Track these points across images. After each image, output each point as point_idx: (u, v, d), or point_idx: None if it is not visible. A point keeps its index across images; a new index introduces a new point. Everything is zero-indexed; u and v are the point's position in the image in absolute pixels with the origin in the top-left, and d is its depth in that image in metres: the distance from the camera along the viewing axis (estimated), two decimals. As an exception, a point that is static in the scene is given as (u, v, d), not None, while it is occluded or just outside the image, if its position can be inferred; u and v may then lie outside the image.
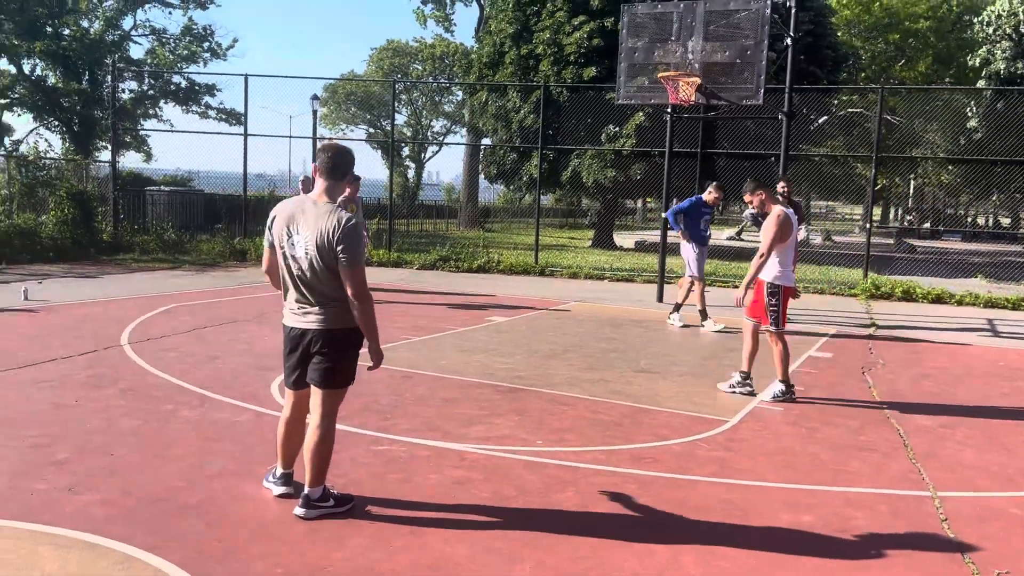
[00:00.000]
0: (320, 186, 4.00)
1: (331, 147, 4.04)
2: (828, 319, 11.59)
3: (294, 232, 3.91)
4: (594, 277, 16.33)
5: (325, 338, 3.95)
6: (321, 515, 4.00)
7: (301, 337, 4.00)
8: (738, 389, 6.90)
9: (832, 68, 23.66)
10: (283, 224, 3.96)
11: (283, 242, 3.96)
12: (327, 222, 3.83)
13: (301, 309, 3.99)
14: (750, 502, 4.46)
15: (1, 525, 3.73)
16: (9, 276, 13.15)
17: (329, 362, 3.97)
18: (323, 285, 3.91)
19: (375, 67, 50.29)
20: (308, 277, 3.91)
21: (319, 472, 4.02)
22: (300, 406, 4.16)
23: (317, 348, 3.96)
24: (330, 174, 3.99)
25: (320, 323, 3.95)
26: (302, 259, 3.90)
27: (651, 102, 12.79)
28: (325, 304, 3.94)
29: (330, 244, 3.82)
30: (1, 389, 6.14)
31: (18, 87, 26.69)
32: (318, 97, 28.60)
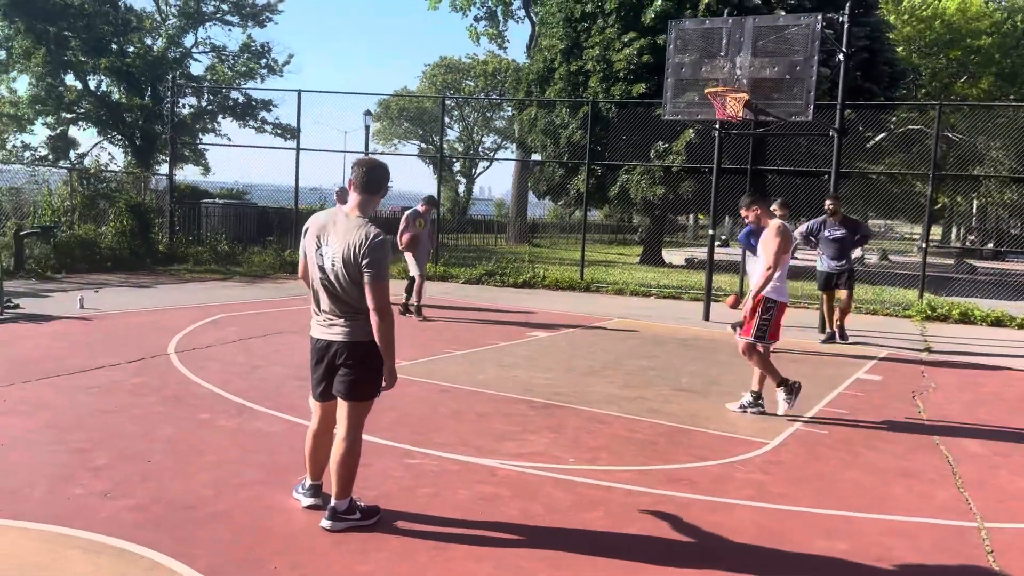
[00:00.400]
0: (354, 200, 4.03)
1: (366, 162, 4.08)
2: (880, 341, 11.28)
3: (323, 243, 3.95)
4: (640, 294, 16.19)
5: (350, 351, 3.97)
6: (348, 527, 4.01)
7: (327, 349, 4.02)
8: (785, 404, 6.76)
9: (889, 85, 23.17)
10: (314, 235, 4.01)
11: (313, 253, 3.99)
12: (356, 236, 3.86)
13: (327, 321, 4.02)
14: (786, 527, 4.34)
15: (36, 528, 3.82)
16: (67, 285, 13.56)
17: (354, 374, 3.98)
18: (348, 297, 3.93)
19: (428, 83, 50.88)
20: (334, 289, 3.94)
21: (345, 484, 4.03)
22: (327, 417, 4.18)
23: (342, 360, 3.98)
24: (364, 188, 4.02)
25: (345, 335, 3.97)
26: (329, 271, 3.93)
27: (698, 118, 12.69)
28: (350, 316, 3.96)
29: (356, 258, 3.84)
30: (51, 394, 6.31)
31: (84, 102, 27.62)
32: (371, 113, 29.05)
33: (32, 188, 18.14)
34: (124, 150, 28.81)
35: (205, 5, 30.03)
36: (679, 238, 50.46)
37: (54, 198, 17.29)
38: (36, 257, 15.03)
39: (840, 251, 10.71)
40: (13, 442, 5.08)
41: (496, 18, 42.67)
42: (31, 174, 19.06)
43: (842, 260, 10.71)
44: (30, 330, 9.15)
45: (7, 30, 25.66)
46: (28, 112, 27.02)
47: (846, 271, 10.74)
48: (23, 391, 6.37)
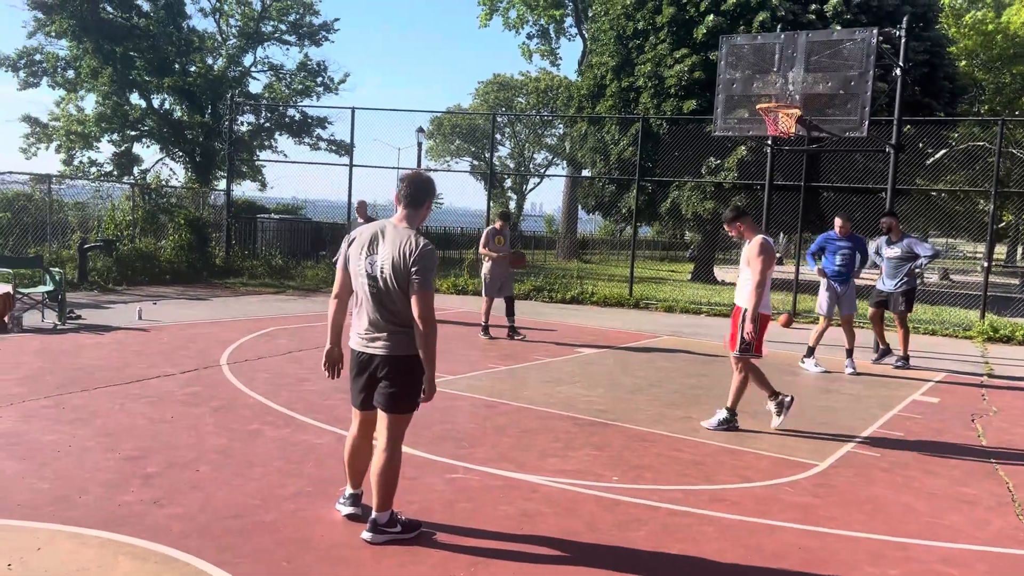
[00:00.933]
0: (400, 213, 4.10)
1: (410, 177, 4.16)
2: (938, 362, 10.96)
3: (373, 252, 4.02)
4: (690, 311, 16.01)
5: (391, 364, 4.01)
6: (388, 540, 4.03)
7: (368, 362, 4.07)
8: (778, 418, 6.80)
9: (950, 100, 22.64)
10: (362, 244, 4.07)
11: (360, 261, 4.05)
12: (406, 244, 3.94)
13: (369, 334, 4.06)
14: (831, 552, 4.23)
15: (89, 534, 3.92)
16: (128, 297, 13.96)
17: (395, 387, 4.02)
18: (394, 307, 3.98)
19: (480, 100, 51.30)
20: (382, 297, 3.99)
21: (386, 496, 4.05)
22: (366, 426, 4.23)
23: (383, 374, 4.02)
24: (409, 202, 4.09)
25: (387, 349, 4.01)
26: (378, 278, 3.99)
27: (749, 134, 12.56)
28: (394, 330, 4.00)
29: (406, 264, 3.90)
30: (107, 402, 6.49)
31: (147, 120, 28.49)
32: (424, 129, 29.38)
33: (97, 203, 18.77)
34: (184, 166, 29.60)
35: (264, 25, 30.78)
36: (731, 255, 49.86)
37: (117, 213, 17.85)
38: (99, 269, 15.51)
39: (893, 271, 10.26)
40: (68, 449, 5.23)
41: (548, 36, 42.92)
42: (96, 189, 19.71)
43: (894, 280, 10.24)
44: (90, 340, 9.43)
45: (76, 50, 26.65)
46: (95, 129, 27.96)
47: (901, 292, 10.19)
48: (81, 399, 6.57)
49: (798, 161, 18.06)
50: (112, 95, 27.32)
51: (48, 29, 25.99)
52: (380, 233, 4.04)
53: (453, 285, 17.77)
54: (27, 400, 6.43)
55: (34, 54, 27.21)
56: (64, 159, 28.45)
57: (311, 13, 31.13)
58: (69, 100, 28.53)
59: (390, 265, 3.94)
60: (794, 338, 12.64)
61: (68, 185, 20.38)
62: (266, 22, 30.79)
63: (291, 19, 30.93)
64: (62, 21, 25.31)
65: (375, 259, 4.00)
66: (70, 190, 20.09)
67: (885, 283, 10.36)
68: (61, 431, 5.62)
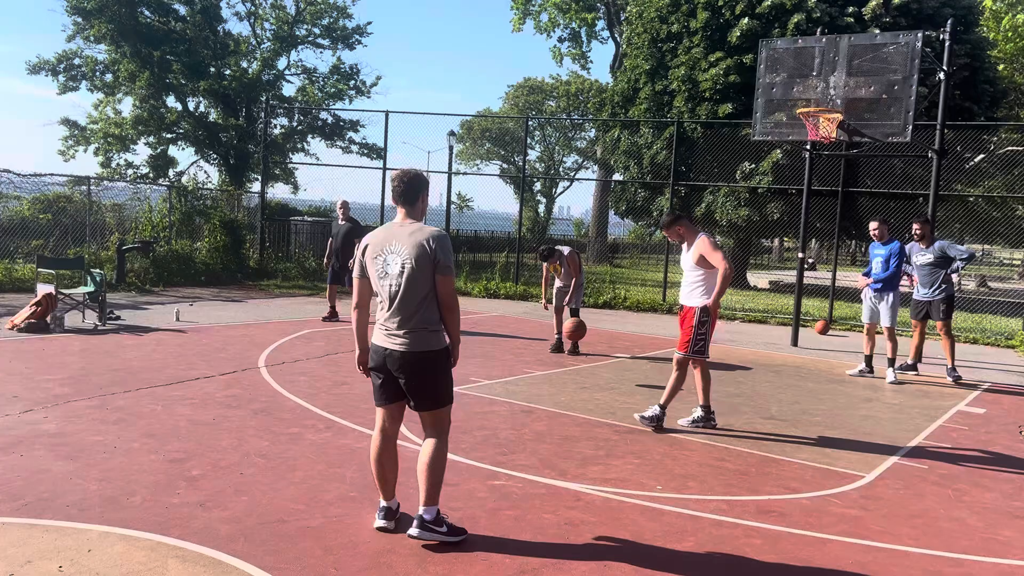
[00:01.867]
0: (401, 212, 4.18)
1: (400, 175, 4.18)
2: (982, 372, 10.75)
3: (388, 252, 4.07)
4: (724, 317, 15.85)
5: (417, 360, 4.05)
6: (434, 540, 4.03)
7: (392, 358, 4.08)
8: (687, 420, 6.85)
9: (991, 104, 22.23)
10: (377, 248, 4.12)
11: (377, 264, 4.10)
12: (422, 235, 4.04)
13: (392, 332, 4.09)
14: (885, 567, 4.14)
15: (138, 536, 3.94)
16: (165, 298, 14.11)
17: (427, 384, 4.09)
18: (416, 304, 4.03)
19: (511, 104, 51.33)
20: (404, 296, 4.03)
21: (432, 489, 4.07)
22: (390, 423, 4.24)
23: (410, 372, 4.06)
24: (406, 200, 4.16)
25: (411, 346, 4.05)
26: (398, 276, 4.03)
27: (788, 139, 12.41)
28: (416, 327, 4.05)
29: (430, 252, 3.99)
30: (149, 404, 6.55)
31: (183, 123, 28.86)
32: (455, 133, 29.44)
33: (134, 205, 19.02)
34: (219, 169, 29.96)
35: (298, 29, 31.06)
36: (764, 260, 49.41)
37: (154, 214, 18.09)
38: (136, 271, 15.71)
39: (927, 278, 9.88)
40: (114, 450, 5.28)
41: (579, 39, 42.81)
42: (133, 191, 19.98)
43: (931, 287, 9.86)
44: (131, 340, 9.54)
45: (114, 54, 27.07)
46: (132, 132, 28.38)
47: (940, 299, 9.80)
48: (124, 400, 6.63)
49: (835, 166, 17.85)
50: (149, 98, 27.72)
51: (87, 33, 26.45)
52: (391, 235, 4.10)
53: (484, 288, 17.76)
54: (72, 400, 6.51)
55: (73, 58, 27.69)
56: (102, 161, 28.91)
57: (344, 16, 31.36)
58: (107, 103, 28.99)
59: (412, 258, 4.00)
60: (835, 346, 12.47)
61: (106, 187, 20.67)
62: (300, 26, 31.06)
63: (324, 23, 31.17)
64: (101, 26, 25.73)
65: (394, 259, 4.06)
66: (108, 192, 20.39)
67: (921, 292, 10.00)
68: (106, 432, 5.68)
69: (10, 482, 4.57)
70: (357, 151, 31.51)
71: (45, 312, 9.89)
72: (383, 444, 4.23)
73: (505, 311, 14.90)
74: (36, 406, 6.27)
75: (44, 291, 10.11)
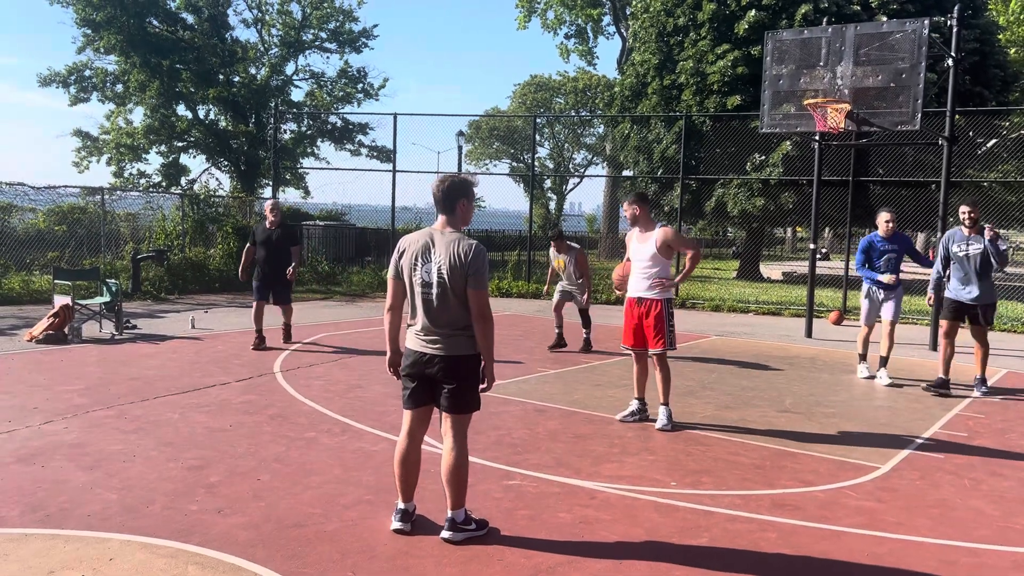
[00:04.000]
0: (441, 219, 4.19)
1: (439, 182, 4.19)
2: (998, 359, 10.68)
3: (427, 260, 4.09)
4: (738, 310, 15.83)
5: (450, 364, 4.09)
6: (466, 538, 4.12)
7: (427, 362, 4.11)
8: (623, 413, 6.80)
9: (1002, 88, 22.05)
10: (414, 254, 4.13)
11: (415, 270, 4.12)
12: (459, 247, 4.05)
13: (427, 336, 4.12)
14: (901, 559, 4.14)
15: (158, 544, 3.99)
16: (180, 306, 14.23)
17: (457, 388, 4.12)
18: (452, 310, 4.07)
19: (518, 102, 51.31)
20: (439, 303, 4.07)
21: (459, 493, 4.14)
22: (416, 426, 4.28)
23: (443, 375, 4.10)
24: (444, 207, 4.17)
25: (445, 350, 4.09)
26: (435, 284, 4.06)
27: (797, 130, 12.36)
28: (451, 333, 4.09)
29: (463, 266, 4.02)
30: (166, 411, 6.62)
31: (194, 131, 29.05)
32: (463, 133, 29.49)
33: (147, 214, 19.18)
34: (230, 175, 30.14)
35: (305, 34, 31.18)
36: (776, 252, 49.19)
37: (167, 223, 18.22)
38: (151, 279, 15.83)
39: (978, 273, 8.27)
40: (133, 459, 5.35)
41: (586, 35, 42.75)
42: (146, 200, 20.13)
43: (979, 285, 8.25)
44: (147, 349, 9.63)
45: (124, 65, 27.27)
46: (143, 141, 28.60)
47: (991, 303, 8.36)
48: (141, 408, 6.71)
49: (846, 155, 17.77)
50: (159, 107, 27.92)
51: (97, 45, 26.67)
52: (430, 241, 4.12)
53: (497, 287, 17.79)
54: (91, 410, 6.59)
55: (84, 70, 27.93)
56: (115, 171, 29.14)
57: (351, 20, 31.45)
58: (118, 113, 29.22)
59: (447, 269, 4.03)
60: (850, 336, 12.42)
61: (119, 197, 20.84)
62: (307, 30, 31.18)
63: (331, 27, 31.28)
64: (110, 37, 25.93)
65: (431, 267, 4.08)
66: (121, 202, 20.56)
67: (966, 289, 8.30)
68: (125, 441, 5.75)
69: (32, 493, 4.64)
70: (367, 154, 31.63)
71: (63, 323, 10.00)
72: (409, 447, 4.27)
73: (517, 310, 14.93)
74: (56, 417, 6.35)
75: (61, 302, 10.22)
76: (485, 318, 4.06)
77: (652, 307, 6.57)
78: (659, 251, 6.53)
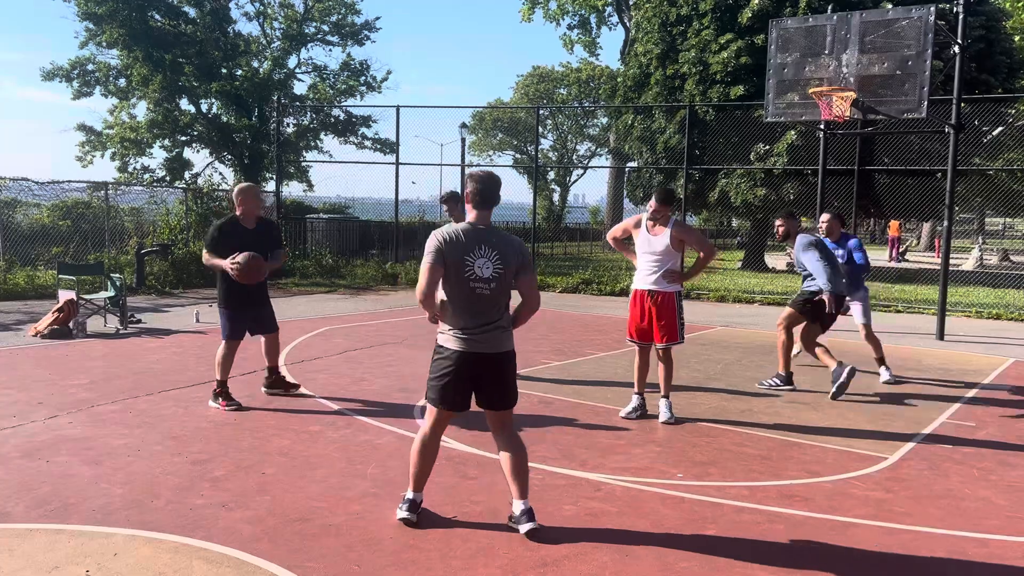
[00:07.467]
0: (480, 214, 4.16)
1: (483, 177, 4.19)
2: (1006, 348, 10.63)
3: (479, 255, 4.06)
4: (743, 300, 15.78)
5: (503, 360, 4.17)
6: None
7: (479, 361, 4.10)
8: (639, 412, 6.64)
9: (1008, 75, 21.91)
10: (464, 249, 4.03)
11: (465, 266, 4.03)
12: (511, 242, 4.18)
13: (479, 334, 4.08)
14: (910, 549, 4.11)
15: (163, 538, 3.98)
16: (184, 300, 14.23)
17: (510, 384, 4.23)
18: (500, 305, 4.14)
19: (521, 94, 51.19)
20: (492, 299, 4.09)
21: (527, 484, 4.24)
22: (442, 426, 4.29)
23: (497, 372, 4.15)
24: (489, 203, 4.18)
25: (500, 346, 4.15)
26: (490, 280, 4.07)
27: (802, 119, 12.29)
28: (502, 329, 4.15)
29: (516, 259, 4.14)
30: (172, 406, 6.61)
31: (197, 125, 29.01)
32: (466, 125, 29.44)
33: (151, 208, 19.18)
34: (234, 169, 30.09)
35: (307, 27, 31.09)
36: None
37: (171, 217, 18.22)
38: (156, 274, 15.84)
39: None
40: (138, 453, 5.34)
41: (589, 26, 42.62)
42: (150, 195, 20.14)
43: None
44: (152, 344, 9.63)
45: (127, 59, 27.23)
46: (147, 136, 28.55)
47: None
48: (146, 403, 6.70)
49: (851, 144, 17.68)
50: (162, 102, 27.87)
51: (99, 39, 26.61)
52: (479, 238, 4.08)
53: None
54: (96, 405, 6.58)
55: (86, 64, 27.87)
56: (119, 166, 29.11)
57: (353, 13, 31.35)
58: (122, 108, 29.18)
59: (503, 265, 4.08)
60: (855, 326, 12.36)
61: (123, 191, 20.84)
62: (309, 23, 31.09)
63: (333, 20, 31.17)
64: (112, 31, 25.88)
65: (485, 262, 4.05)
66: (125, 196, 20.57)
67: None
68: (130, 435, 5.74)
69: (37, 488, 4.63)
70: (370, 147, 31.56)
71: (67, 318, 10.01)
72: (432, 440, 4.27)
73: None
74: (61, 411, 6.35)
75: (66, 297, 10.22)
76: (537, 301, 4.24)
77: (663, 300, 6.49)
78: (672, 246, 6.48)
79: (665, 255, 6.47)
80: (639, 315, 6.62)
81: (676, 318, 6.49)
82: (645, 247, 6.58)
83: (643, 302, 6.58)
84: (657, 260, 6.49)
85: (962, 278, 19.78)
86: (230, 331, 6.70)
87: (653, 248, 6.52)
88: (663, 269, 6.48)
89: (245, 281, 6.35)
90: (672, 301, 6.49)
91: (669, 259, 6.48)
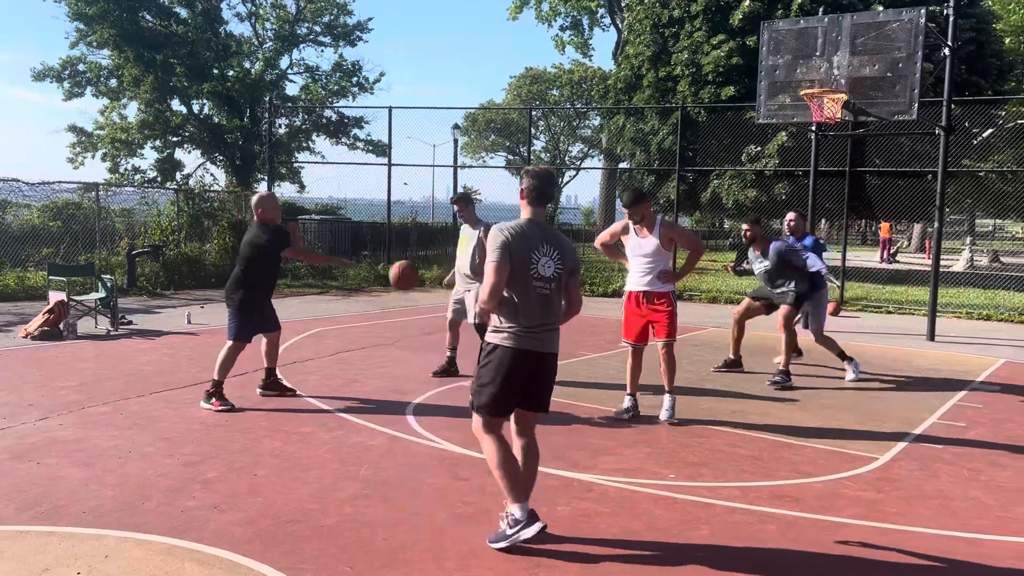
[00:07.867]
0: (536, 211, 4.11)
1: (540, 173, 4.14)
2: (996, 349, 10.69)
3: (542, 254, 4.01)
4: (735, 302, 15.78)
5: (554, 360, 4.14)
6: None
7: (540, 360, 4.04)
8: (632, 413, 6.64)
9: (998, 78, 22.04)
10: (529, 247, 3.97)
11: (531, 264, 3.96)
12: (563, 240, 4.13)
13: (541, 333, 4.02)
14: (901, 549, 4.12)
15: (154, 540, 3.97)
16: (176, 301, 14.18)
17: (551, 384, 4.17)
18: (557, 304, 4.10)
19: (513, 95, 51.21)
20: (551, 298, 4.05)
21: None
22: (501, 427, 4.14)
23: (547, 372, 4.10)
24: (545, 199, 4.15)
25: (552, 346, 4.11)
26: (551, 279, 4.03)
27: (793, 120, 12.33)
28: (555, 329, 4.11)
29: (572, 259, 4.13)
30: (163, 408, 6.59)
31: (188, 126, 28.95)
32: (459, 126, 29.44)
33: (143, 209, 19.11)
34: (225, 170, 30.04)
35: (299, 27, 31.06)
36: (773, 243, 49.09)
37: (162, 218, 18.15)
38: (147, 275, 15.78)
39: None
40: (129, 455, 5.32)
41: (581, 27, 42.65)
42: (141, 196, 20.06)
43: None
44: (143, 345, 9.59)
45: (118, 59, 27.16)
46: (138, 137, 28.49)
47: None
48: (137, 404, 6.67)
49: (842, 146, 17.75)
50: (154, 102, 27.81)
51: (90, 39, 26.55)
52: (540, 236, 4.03)
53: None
54: (86, 407, 6.56)
55: (77, 64, 27.79)
56: (110, 167, 29.03)
57: (345, 13, 31.34)
58: (112, 108, 29.10)
59: (562, 264, 4.06)
60: (846, 327, 12.42)
61: (114, 192, 20.76)
62: (301, 24, 31.08)
63: (325, 20, 31.16)
64: (103, 31, 25.81)
65: (547, 261, 4.01)
66: (116, 197, 20.49)
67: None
68: (121, 437, 5.72)
69: (27, 490, 4.61)
70: (362, 148, 31.55)
71: (58, 319, 9.96)
72: (502, 445, 4.03)
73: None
74: (51, 413, 6.32)
75: (56, 298, 10.17)
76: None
77: (661, 300, 6.54)
78: (662, 245, 6.50)
79: (656, 256, 6.49)
80: (634, 317, 6.65)
81: (672, 316, 6.54)
82: (636, 250, 6.61)
83: (640, 303, 6.63)
84: (649, 262, 6.52)
85: (952, 279, 19.88)
86: (238, 332, 6.80)
87: (643, 250, 6.55)
88: (656, 270, 6.50)
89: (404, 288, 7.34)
90: (667, 301, 6.54)
91: (660, 259, 6.51)
